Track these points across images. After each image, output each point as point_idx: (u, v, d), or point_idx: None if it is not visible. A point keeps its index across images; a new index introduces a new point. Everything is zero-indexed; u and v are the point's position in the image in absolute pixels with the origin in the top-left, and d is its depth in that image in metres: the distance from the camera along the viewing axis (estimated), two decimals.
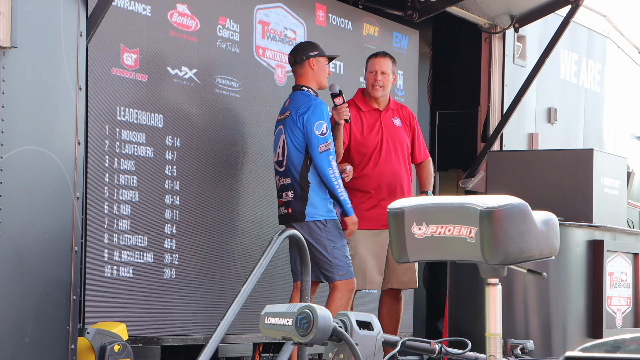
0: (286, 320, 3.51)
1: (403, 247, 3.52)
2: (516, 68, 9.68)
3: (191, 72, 7.07)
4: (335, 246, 6.80)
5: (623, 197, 7.18)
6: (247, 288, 5.45)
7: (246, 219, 7.43)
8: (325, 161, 6.77)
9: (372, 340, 3.66)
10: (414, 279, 7.45)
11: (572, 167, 6.88)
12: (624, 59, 12.00)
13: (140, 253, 6.68)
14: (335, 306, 6.76)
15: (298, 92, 6.96)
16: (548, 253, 3.48)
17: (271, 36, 7.73)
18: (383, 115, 7.43)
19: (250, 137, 7.48)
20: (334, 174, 6.79)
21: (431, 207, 3.49)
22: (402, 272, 7.37)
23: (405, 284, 7.43)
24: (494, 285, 3.43)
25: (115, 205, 6.54)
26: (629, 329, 6.76)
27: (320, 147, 6.77)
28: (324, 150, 6.78)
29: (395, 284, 7.41)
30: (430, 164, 7.63)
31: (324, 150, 6.78)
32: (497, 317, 3.40)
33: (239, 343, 7.37)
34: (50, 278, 5.50)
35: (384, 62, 7.40)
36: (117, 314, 6.46)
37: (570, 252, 6.46)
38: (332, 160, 6.79)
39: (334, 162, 6.80)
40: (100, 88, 6.46)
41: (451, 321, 6.68)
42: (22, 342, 5.35)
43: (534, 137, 9.95)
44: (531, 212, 3.42)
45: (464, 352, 4.10)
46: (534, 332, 6.35)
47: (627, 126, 12.34)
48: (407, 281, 7.42)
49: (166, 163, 6.88)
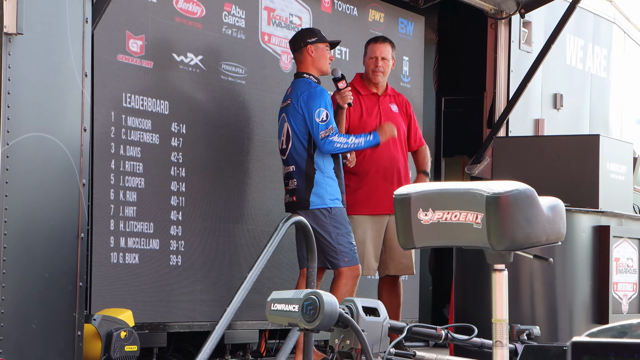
0: (292, 306, 3.51)
1: (409, 233, 3.52)
2: (522, 54, 9.66)
3: (197, 59, 7.07)
4: (340, 233, 6.81)
5: (629, 182, 7.17)
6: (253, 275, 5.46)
7: (252, 206, 7.43)
8: (331, 144, 6.79)
9: (378, 326, 3.66)
10: (410, 265, 7.45)
11: (578, 153, 6.87)
12: (630, 44, 11.97)
13: (146, 240, 6.69)
14: (341, 292, 6.76)
15: (299, 80, 6.95)
16: (554, 239, 3.47)
17: (277, 22, 7.72)
18: (381, 99, 7.44)
19: (256, 123, 7.48)
20: (342, 145, 6.83)
21: (437, 193, 3.49)
22: (399, 259, 7.37)
23: (402, 271, 7.44)
24: (500, 271, 3.42)
25: (121, 192, 6.54)
26: (635, 315, 6.76)
27: (321, 134, 6.78)
28: (326, 136, 6.78)
29: (392, 271, 7.42)
30: (426, 150, 7.66)
31: (326, 136, 6.78)
32: (504, 303, 3.40)
33: (245, 330, 7.37)
34: (56, 265, 5.51)
35: (384, 48, 7.41)
36: (123, 300, 6.47)
37: (576, 237, 6.45)
38: (337, 139, 6.79)
39: (339, 138, 6.81)
40: (106, 75, 6.46)
41: (457, 307, 6.68)
42: (29, 329, 5.36)
43: (540, 123, 9.93)
44: (537, 198, 3.42)
45: (470, 338, 4.11)
46: (540, 318, 6.35)
47: (633, 112, 12.32)
48: (404, 268, 7.42)
49: (172, 150, 6.88)
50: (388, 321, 3.72)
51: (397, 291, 7.48)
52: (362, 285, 7.85)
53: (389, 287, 7.47)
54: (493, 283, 3.42)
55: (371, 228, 7.30)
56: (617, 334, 2.32)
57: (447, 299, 8.91)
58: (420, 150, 7.64)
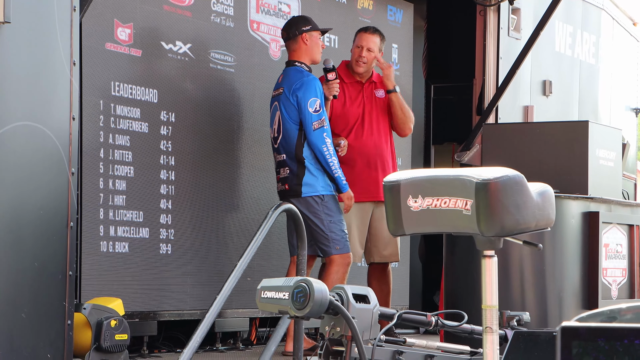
0: (282, 294, 3.51)
1: (399, 220, 3.52)
2: (511, 40, 9.66)
3: (185, 47, 7.05)
4: (332, 220, 6.81)
5: (618, 168, 7.19)
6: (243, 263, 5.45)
7: (242, 194, 7.43)
8: (320, 139, 6.77)
9: (368, 313, 3.66)
10: (395, 251, 7.45)
11: (567, 139, 6.88)
12: (619, 31, 11.98)
13: (135, 228, 6.68)
14: (332, 280, 6.77)
15: (291, 68, 6.94)
16: (544, 224, 3.48)
17: (265, 10, 7.70)
18: (365, 87, 7.43)
19: (245, 111, 7.47)
20: (328, 151, 6.78)
21: (427, 179, 3.49)
22: (384, 246, 7.38)
23: (386, 258, 7.44)
24: (489, 257, 3.43)
25: (111, 181, 6.53)
26: (624, 300, 6.78)
27: (314, 125, 6.77)
28: (318, 128, 6.77)
29: (377, 258, 7.42)
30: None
31: (318, 128, 6.77)
32: (493, 289, 3.40)
33: (236, 318, 7.38)
34: (46, 254, 5.50)
35: (371, 39, 7.38)
36: (113, 289, 6.47)
37: (565, 223, 6.46)
38: (326, 138, 6.79)
39: (328, 140, 6.80)
40: (95, 63, 6.44)
41: (447, 294, 6.69)
42: (18, 318, 5.35)
43: (529, 110, 9.94)
44: (527, 184, 3.42)
45: (460, 324, 4.11)
46: (530, 303, 6.37)
47: (622, 98, 12.33)
48: (388, 255, 7.42)
49: (161, 138, 6.87)
50: (378, 308, 3.72)
51: (386, 279, 7.49)
52: (351, 273, 7.85)
53: (378, 275, 7.48)
54: (483, 269, 3.43)
55: (356, 215, 7.30)
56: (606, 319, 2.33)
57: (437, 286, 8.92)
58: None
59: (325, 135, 6.78)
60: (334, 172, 6.81)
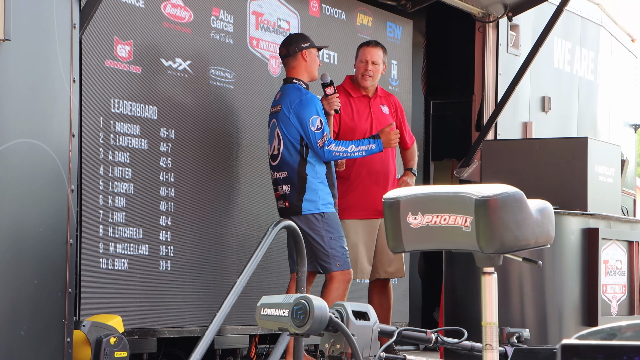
0: (282, 311, 3.51)
1: (399, 237, 3.52)
2: (510, 57, 9.68)
3: (185, 64, 7.06)
4: (332, 237, 6.81)
5: (617, 185, 7.19)
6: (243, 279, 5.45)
7: (241, 210, 7.43)
8: (328, 154, 6.82)
9: (368, 330, 3.66)
10: (401, 267, 7.46)
11: (566, 156, 6.89)
12: (617, 47, 12.00)
13: (135, 245, 6.68)
14: (332, 297, 6.76)
15: (289, 85, 6.95)
16: (543, 241, 3.48)
17: (265, 27, 7.72)
18: (372, 101, 7.46)
19: (245, 128, 7.48)
20: (342, 154, 6.86)
21: (426, 196, 3.49)
22: (389, 262, 7.39)
23: (392, 274, 7.45)
24: (489, 274, 3.43)
25: (110, 198, 6.53)
26: (624, 317, 6.77)
27: (319, 143, 6.79)
28: (323, 145, 6.80)
29: (383, 274, 7.43)
30: (415, 147, 7.72)
31: (323, 145, 6.80)
32: (493, 306, 3.40)
33: (235, 335, 7.37)
34: (45, 271, 5.49)
35: (375, 52, 7.42)
36: (112, 306, 6.46)
37: (565, 240, 6.46)
38: (333, 149, 6.81)
39: (337, 147, 6.83)
40: (94, 80, 6.45)
41: (447, 311, 6.69)
42: (18, 335, 5.35)
43: (528, 126, 9.95)
44: (526, 201, 3.42)
45: (460, 341, 4.11)
46: (529, 320, 6.36)
47: (620, 114, 12.35)
48: (394, 271, 7.43)
49: (161, 155, 6.87)
50: (378, 325, 3.72)
51: (387, 295, 7.49)
52: (352, 289, 7.85)
53: (379, 291, 7.48)
54: (482, 286, 3.43)
55: (363, 232, 7.31)
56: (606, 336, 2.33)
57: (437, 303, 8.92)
58: (411, 147, 7.68)
59: (333, 147, 6.81)
60: (365, 153, 6.92)
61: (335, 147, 6.82)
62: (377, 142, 6.98)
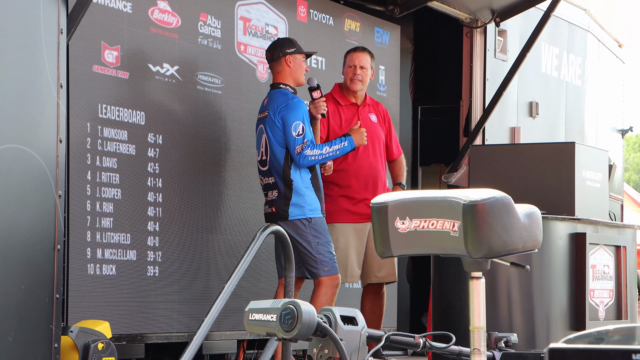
0: (270, 316, 3.51)
1: (387, 242, 3.52)
2: (497, 62, 9.70)
3: (173, 69, 7.06)
4: (319, 242, 6.81)
5: (605, 190, 7.20)
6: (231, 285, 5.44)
7: (229, 216, 7.42)
8: (304, 160, 6.78)
9: (356, 335, 3.66)
10: (392, 272, 7.48)
11: (554, 161, 6.90)
12: (605, 53, 12.03)
13: (123, 251, 6.67)
14: (320, 302, 6.76)
15: (276, 91, 6.94)
16: (531, 246, 3.49)
17: (252, 32, 7.72)
18: (361, 109, 7.47)
19: (233, 133, 7.47)
20: (317, 157, 6.82)
21: (414, 201, 3.49)
22: (379, 267, 7.40)
23: (382, 279, 7.46)
24: (477, 278, 3.43)
25: (98, 203, 6.52)
26: (611, 321, 6.79)
27: (297, 148, 6.78)
28: (300, 151, 6.78)
29: (374, 279, 7.44)
30: (403, 159, 7.73)
31: (300, 151, 6.78)
32: (481, 310, 3.41)
33: (223, 340, 7.36)
34: (33, 277, 5.48)
35: (362, 57, 7.43)
36: (100, 312, 6.44)
37: (552, 245, 6.47)
38: (309, 154, 6.77)
39: (312, 151, 6.79)
40: (82, 86, 6.44)
41: (435, 315, 6.69)
42: (5, 341, 5.33)
43: (516, 131, 9.97)
44: (514, 206, 3.43)
45: (448, 346, 4.11)
46: (517, 325, 6.37)
47: (608, 119, 12.38)
48: (385, 275, 7.45)
49: (148, 160, 6.86)
50: (366, 330, 3.72)
51: (380, 300, 7.50)
52: (345, 294, 7.86)
53: (372, 296, 7.49)
54: (470, 291, 3.43)
55: (353, 236, 7.32)
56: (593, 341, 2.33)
57: (425, 307, 8.92)
58: (399, 160, 7.68)
59: (309, 150, 6.78)
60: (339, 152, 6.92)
61: (311, 151, 6.81)
62: (349, 140, 6.99)
